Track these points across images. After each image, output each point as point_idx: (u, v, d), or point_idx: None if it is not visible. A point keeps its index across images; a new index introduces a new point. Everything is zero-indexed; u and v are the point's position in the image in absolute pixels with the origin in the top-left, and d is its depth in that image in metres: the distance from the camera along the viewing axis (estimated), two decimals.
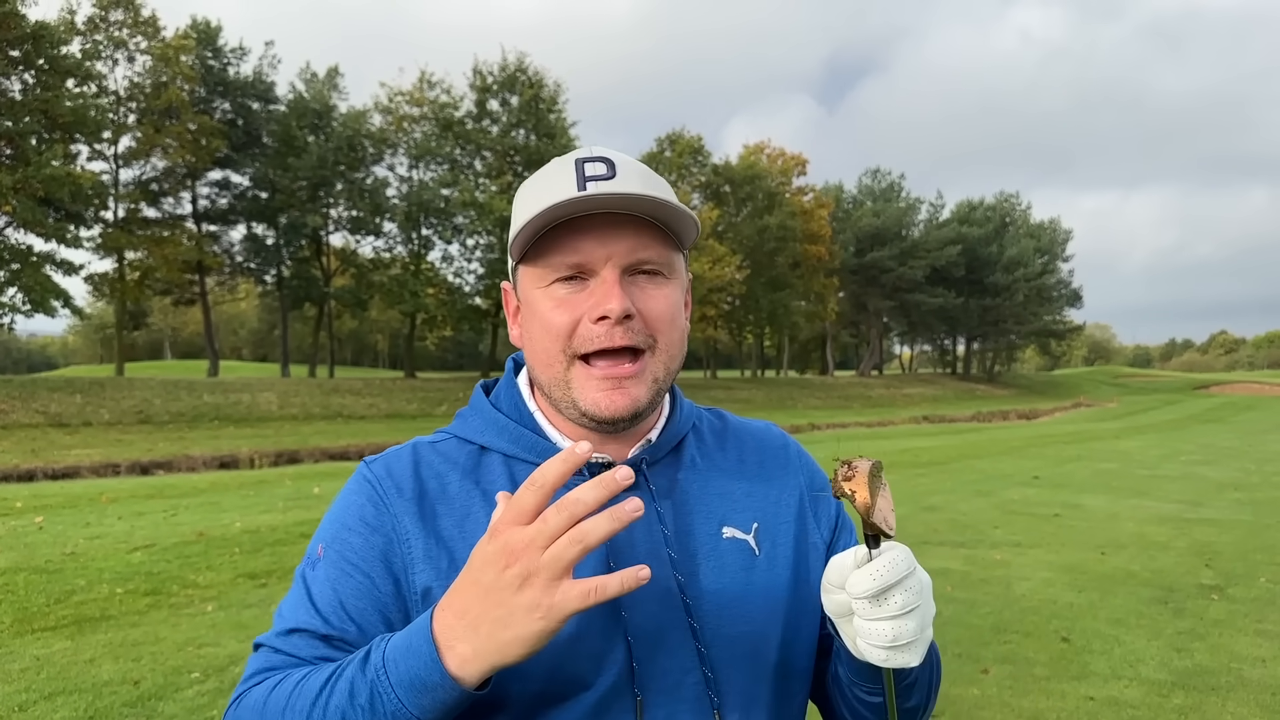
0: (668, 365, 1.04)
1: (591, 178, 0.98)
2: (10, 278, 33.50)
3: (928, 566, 8.14)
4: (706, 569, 1.06)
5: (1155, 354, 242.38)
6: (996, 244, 76.61)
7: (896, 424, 39.78)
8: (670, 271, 1.04)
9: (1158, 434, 29.65)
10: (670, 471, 1.11)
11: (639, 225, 1.00)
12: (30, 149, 32.19)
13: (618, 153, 1.03)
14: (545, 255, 1.00)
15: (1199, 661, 5.54)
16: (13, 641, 5.79)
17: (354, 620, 0.98)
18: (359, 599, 0.99)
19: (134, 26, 38.46)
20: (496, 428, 1.10)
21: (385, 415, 34.70)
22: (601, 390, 1.00)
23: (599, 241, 0.98)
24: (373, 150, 44.70)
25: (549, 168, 1.05)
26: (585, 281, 1.00)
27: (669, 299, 1.03)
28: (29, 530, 9.98)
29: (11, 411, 26.84)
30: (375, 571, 1.01)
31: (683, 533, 1.07)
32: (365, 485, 1.06)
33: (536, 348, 1.03)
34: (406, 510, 1.03)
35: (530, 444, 1.08)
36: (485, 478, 1.07)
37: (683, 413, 1.16)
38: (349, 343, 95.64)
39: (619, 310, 0.96)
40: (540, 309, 1.02)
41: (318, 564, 1.03)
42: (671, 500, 1.09)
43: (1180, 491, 13.79)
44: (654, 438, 1.10)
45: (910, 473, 16.33)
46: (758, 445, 1.21)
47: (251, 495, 13.34)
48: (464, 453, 1.10)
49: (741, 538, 1.09)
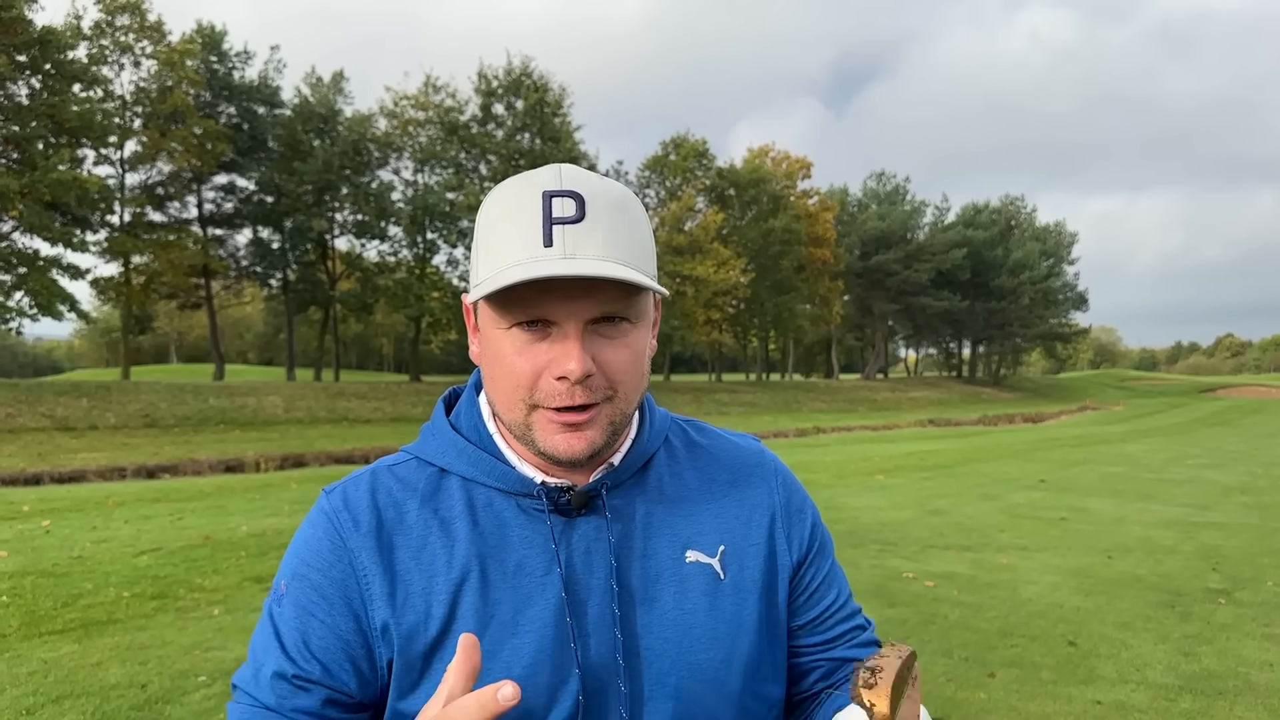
0: (624, 410, 1.01)
1: (559, 220, 0.93)
2: (17, 282, 33.63)
3: (933, 571, 8.15)
4: (668, 594, 1.05)
5: (1161, 357, 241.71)
6: (1002, 247, 76.51)
7: (902, 427, 39.73)
8: (637, 316, 1.00)
9: (1164, 437, 29.58)
10: (632, 494, 1.09)
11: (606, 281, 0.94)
12: (37, 153, 32.35)
13: (587, 178, 0.97)
14: (508, 302, 0.95)
15: (1206, 666, 5.53)
16: (20, 645, 5.80)
17: (318, 660, 1.00)
18: (322, 639, 1.00)
19: (140, 31, 38.59)
20: (455, 450, 1.08)
21: (390, 419, 34.75)
22: (560, 435, 0.98)
23: (564, 296, 0.93)
24: (378, 154, 44.82)
25: (516, 193, 0.97)
26: (546, 330, 0.95)
27: (632, 348, 0.99)
28: (36, 534, 10.00)
29: (18, 415, 26.92)
30: (336, 611, 1.01)
31: (645, 556, 1.06)
32: (323, 519, 1.06)
33: (497, 388, 1.01)
34: (363, 545, 1.02)
35: (489, 468, 1.06)
36: (444, 504, 1.06)
37: (652, 429, 1.13)
38: (354, 346, 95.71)
39: (579, 373, 0.93)
40: (501, 350, 0.98)
41: (283, 600, 1.03)
42: (634, 525, 1.07)
43: (1187, 495, 13.76)
44: (615, 461, 1.08)
45: (916, 476, 16.32)
46: (731, 461, 1.18)
47: (257, 499, 13.36)
48: (423, 476, 1.08)
49: (706, 561, 1.08)
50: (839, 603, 1.20)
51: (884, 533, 10.00)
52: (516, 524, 1.04)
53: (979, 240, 74.31)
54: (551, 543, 1.03)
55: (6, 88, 32.63)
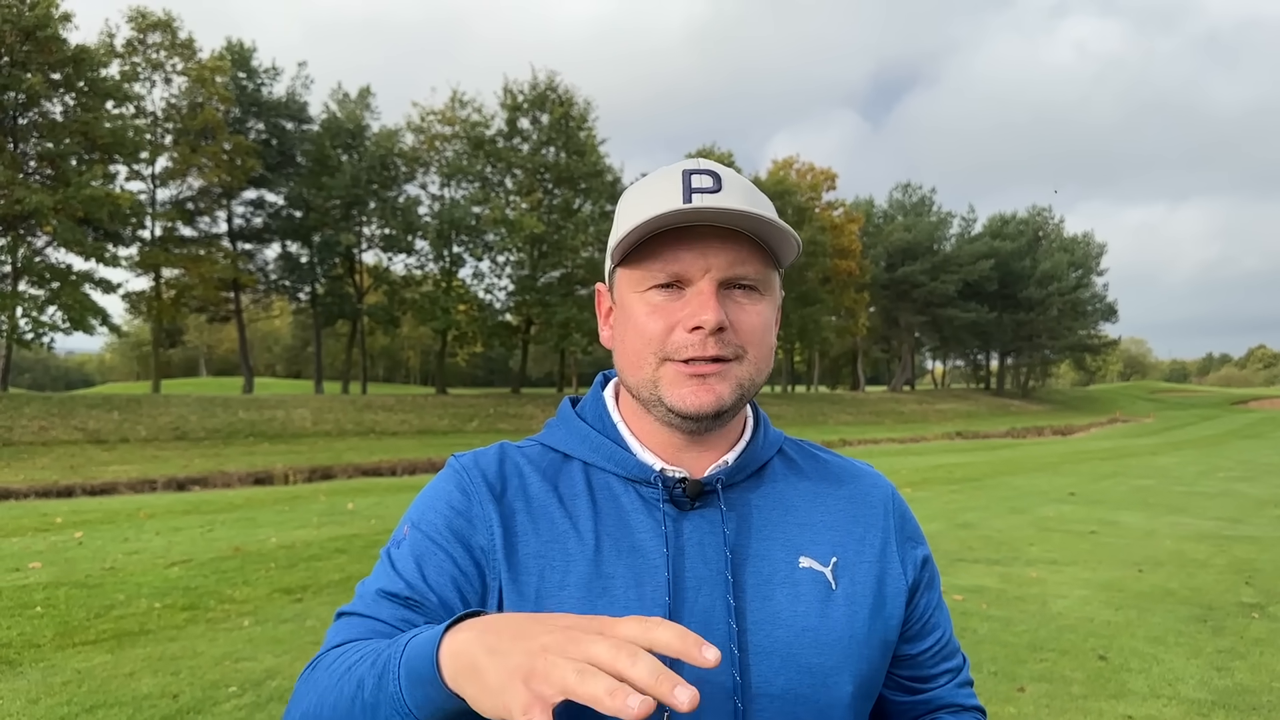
0: (753, 375, 1.04)
1: (698, 190, 1.00)
2: (50, 296, 34.07)
3: (962, 584, 8.09)
4: (782, 596, 1.05)
5: (1192, 369, 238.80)
6: (1030, 258, 75.95)
7: (929, 440, 39.48)
8: (765, 288, 1.05)
9: (1195, 450, 29.24)
10: (748, 494, 1.11)
11: (740, 241, 1.01)
12: (70, 170, 32.82)
13: (724, 167, 1.05)
14: (645, 262, 1.02)
15: (1240, 681, 5.46)
16: (54, 655, 5.87)
17: (433, 590, 1.01)
18: (439, 573, 1.02)
19: (171, 49, 39.08)
20: (579, 436, 1.13)
21: (417, 431, 34.89)
22: (689, 386, 1.01)
23: (699, 253, 0.99)
24: (405, 169, 45.12)
25: (655, 176, 1.06)
26: (682, 290, 1.01)
27: (762, 315, 1.04)
28: (69, 545, 10.12)
29: (51, 428, 27.26)
30: (457, 550, 1.03)
31: (758, 557, 1.06)
32: (453, 474, 1.11)
33: (628, 349, 1.05)
34: (489, 500, 1.06)
35: (609, 453, 1.10)
36: (564, 482, 1.09)
37: (766, 438, 1.16)
38: (381, 359, 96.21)
39: (714, 322, 0.98)
40: (635, 313, 1.03)
41: (402, 542, 1.06)
42: (749, 524, 1.08)
43: (1219, 508, 13.59)
44: (730, 459, 1.10)
45: (944, 489, 16.21)
46: (846, 478, 1.19)
47: (286, 511, 13.46)
48: (547, 459, 1.13)
49: (818, 569, 1.08)
50: (943, 640, 1.20)
51: None
52: (633, 509, 1.07)
53: (1006, 251, 73.81)
54: (663, 528, 1.04)
55: (41, 105, 33.16)
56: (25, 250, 33.83)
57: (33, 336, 33.57)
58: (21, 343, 33.83)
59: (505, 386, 62.48)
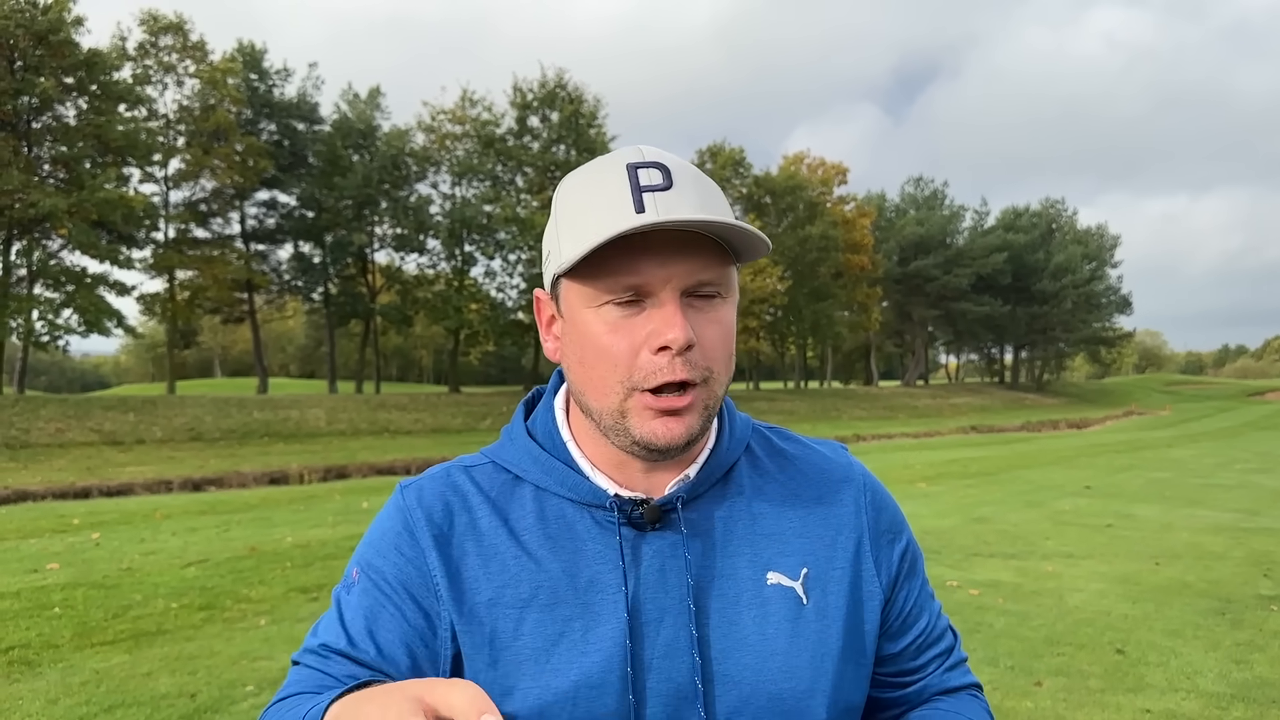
0: (717, 394, 0.98)
1: (648, 188, 0.91)
2: (66, 299, 34.30)
3: (978, 579, 8.06)
4: (748, 619, 1.00)
5: (1208, 360, 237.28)
6: (1043, 251, 75.49)
7: (944, 434, 39.35)
8: (727, 291, 0.97)
9: (1212, 442, 29.09)
10: (710, 508, 1.04)
11: (700, 243, 0.93)
12: (84, 173, 33.04)
13: (668, 155, 0.96)
14: (597, 275, 0.92)
15: (1259, 674, 5.43)
16: (73, 655, 5.91)
17: (380, 648, 0.98)
18: (387, 631, 0.99)
19: (182, 51, 39.25)
20: (530, 457, 1.06)
21: (430, 430, 34.95)
22: (659, 421, 0.94)
23: (659, 263, 0.91)
24: (416, 168, 45.19)
25: (597, 171, 0.96)
26: (641, 305, 0.93)
27: (724, 323, 0.97)
28: (86, 546, 10.18)
29: (67, 430, 27.41)
30: (406, 604, 1.00)
31: (724, 576, 1.01)
32: (400, 514, 1.05)
33: (591, 375, 0.96)
34: (433, 547, 1.01)
35: (561, 476, 1.03)
36: (514, 512, 1.04)
37: (733, 436, 1.09)
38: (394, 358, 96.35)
39: (682, 341, 0.90)
40: (593, 332, 0.94)
41: (352, 588, 1.03)
42: (713, 541, 1.02)
43: (1236, 500, 13.52)
44: (692, 474, 1.03)
45: (959, 483, 16.17)
46: (816, 475, 1.11)
47: (301, 510, 13.52)
48: (498, 482, 1.07)
49: (788, 584, 1.02)
50: (927, 629, 1.14)
51: (927, 541, 9.91)
52: (589, 537, 1.01)
53: (1019, 244, 73.40)
54: (620, 558, 0.99)
55: (55, 109, 33.37)
56: (40, 254, 34.08)
57: (49, 339, 33.84)
58: (38, 345, 34.11)
59: (518, 384, 62.62)
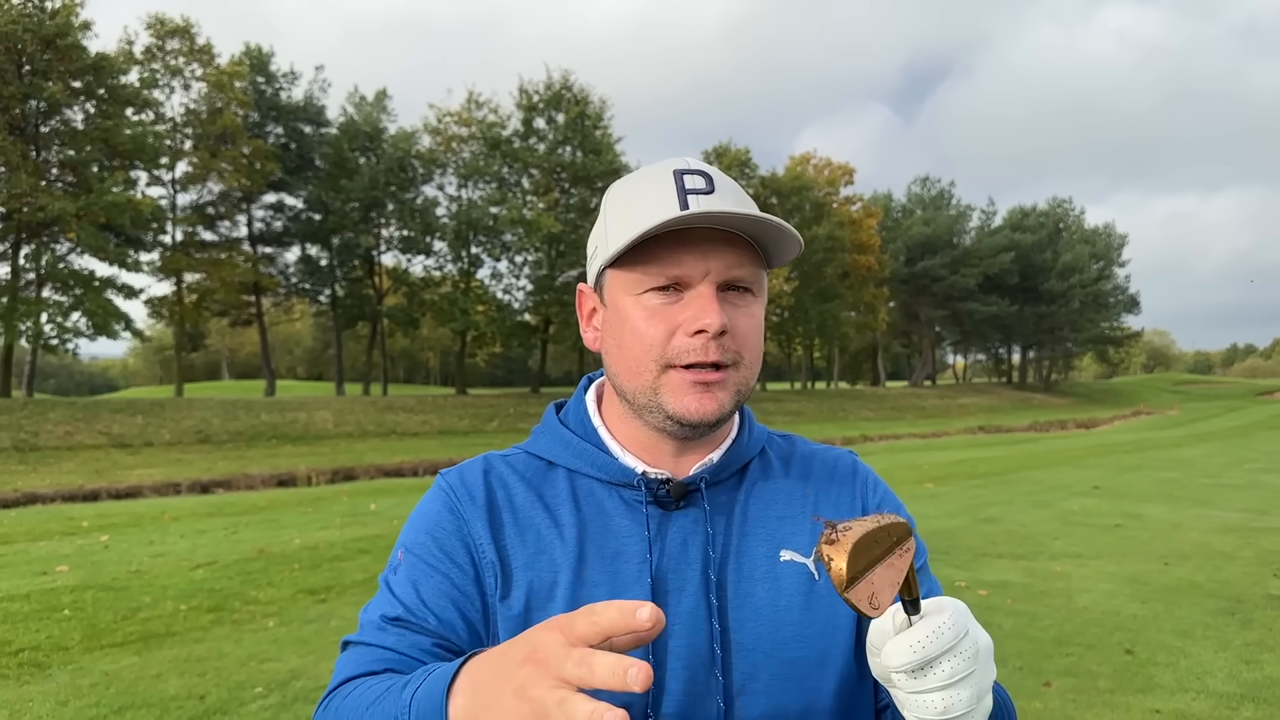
0: (748, 380, 1.06)
1: (693, 191, 0.99)
2: (74, 302, 34.44)
3: (987, 580, 8.05)
4: (763, 592, 1.06)
5: (1216, 360, 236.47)
6: (1050, 250, 75.26)
7: (951, 435, 39.29)
8: (758, 290, 1.05)
9: (1220, 441, 28.99)
10: (731, 493, 1.11)
11: (736, 243, 1.01)
12: (92, 176, 33.22)
13: (711, 166, 1.05)
14: (642, 264, 1.01)
15: (1269, 674, 5.41)
16: (83, 658, 5.92)
17: (433, 611, 1.02)
18: (437, 594, 1.03)
19: (189, 55, 39.41)
20: (562, 443, 1.14)
21: (438, 432, 34.99)
22: (692, 394, 1.01)
23: (700, 256, 0.99)
24: (422, 170, 45.26)
25: (645, 176, 1.05)
26: (680, 294, 1.01)
27: (755, 318, 1.05)
28: (95, 549, 10.21)
29: (76, 433, 27.50)
30: (452, 570, 1.05)
31: (740, 554, 1.07)
32: (441, 494, 1.11)
33: (626, 355, 1.04)
34: (476, 517, 1.07)
35: (592, 458, 1.10)
36: (548, 491, 1.10)
37: (751, 436, 1.16)
38: (401, 360, 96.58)
39: (717, 326, 0.98)
40: (632, 317, 1.03)
41: (399, 568, 1.08)
42: (731, 522, 1.09)
43: (1245, 500, 13.47)
44: (715, 458, 1.11)
45: (967, 484, 16.14)
46: (824, 470, 1.20)
47: (309, 512, 13.53)
48: (532, 467, 1.14)
49: (801, 561, 1.08)
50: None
51: (935, 541, 9.90)
52: (617, 513, 1.08)
53: (1027, 244, 73.17)
54: (646, 532, 1.05)
55: (63, 113, 33.51)
56: (49, 257, 34.23)
57: (57, 342, 33.97)
58: (47, 348, 34.25)
59: (525, 386, 62.60)
